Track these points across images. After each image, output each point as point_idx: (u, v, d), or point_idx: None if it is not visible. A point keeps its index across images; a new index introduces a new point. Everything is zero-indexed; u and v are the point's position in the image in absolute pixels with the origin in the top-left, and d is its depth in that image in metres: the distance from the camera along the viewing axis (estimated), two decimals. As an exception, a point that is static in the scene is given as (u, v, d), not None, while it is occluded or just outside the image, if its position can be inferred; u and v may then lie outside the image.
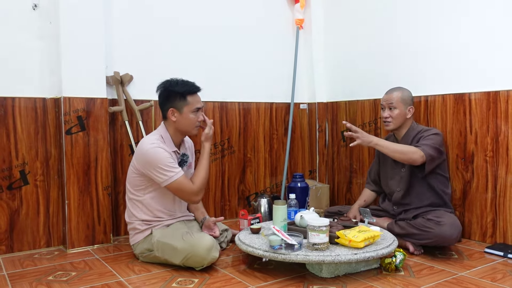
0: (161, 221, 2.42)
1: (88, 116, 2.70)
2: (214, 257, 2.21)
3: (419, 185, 2.59)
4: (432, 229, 2.34)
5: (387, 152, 2.48)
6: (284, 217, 2.33)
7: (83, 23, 2.67)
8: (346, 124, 2.54)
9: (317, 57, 3.73)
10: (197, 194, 2.37)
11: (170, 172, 2.29)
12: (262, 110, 3.57)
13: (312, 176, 3.82)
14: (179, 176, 2.31)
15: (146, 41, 3.04)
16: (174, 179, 2.29)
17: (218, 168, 3.37)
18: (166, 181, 2.30)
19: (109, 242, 2.80)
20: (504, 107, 2.55)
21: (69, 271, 2.30)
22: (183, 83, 2.38)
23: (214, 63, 3.33)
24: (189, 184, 2.35)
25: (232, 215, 3.43)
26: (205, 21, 3.29)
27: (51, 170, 2.72)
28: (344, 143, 3.56)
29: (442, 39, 2.84)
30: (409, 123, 2.67)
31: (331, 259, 2.02)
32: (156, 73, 2.92)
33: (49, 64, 2.70)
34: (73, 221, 2.67)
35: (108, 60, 2.85)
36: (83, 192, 2.69)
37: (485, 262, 2.33)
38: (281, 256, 2.07)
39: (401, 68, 3.10)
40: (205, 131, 2.47)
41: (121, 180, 2.92)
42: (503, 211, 2.58)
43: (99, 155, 2.74)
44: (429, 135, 2.55)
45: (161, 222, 2.42)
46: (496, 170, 2.59)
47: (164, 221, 2.43)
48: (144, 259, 2.41)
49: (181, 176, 2.31)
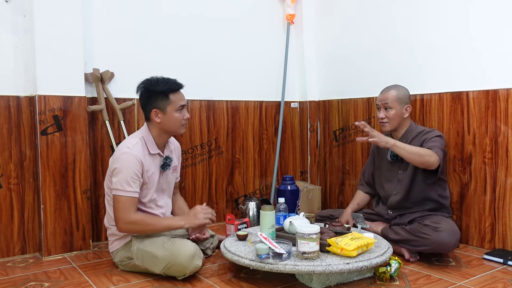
0: (142, 227, 2.26)
1: (65, 115, 2.54)
2: (196, 265, 2.07)
3: (417, 189, 2.46)
4: (429, 236, 2.22)
5: (404, 154, 2.29)
6: (272, 223, 2.20)
7: (59, 16, 2.51)
8: (359, 125, 2.34)
9: (308, 54, 3.59)
10: (125, 223, 2.13)
11: (122, 186, 2.13)
12: (251, 109, 3.43)
13: (303, 178, 3.69)
14: (126, 195, 2.13)
15: (128, 35, 2.89)
16: (119, 194, 2.13)
17: (205, 169, 3.23)
18: (114, 191, 2.15)
19: (89, 248, 2.65)
20: (504, 107, 2.43)
21: (43, 281, 2.15)
22: (164, 82, 2.23)
23: (201, 59, 3.19)
24: (127, 210, 2.13)
25: (220, 218, 3.28)
26: (191, 13, 3.14)
27: (26, 173, 2.56)
28: (336, 143, 3.43)
29: (439, 35, 2.72)
30: (407, 123, 2.54)
31: (321, 269, 1.88)
32: (138, 70, 2.79)
33: (23, 60, 2.54)
34: (49, 227, 2.52)
35: (87, 55, 2.70)
36: (60, 196, 2.54)
37: (484, 270, 2.20)
38: (268, 266, 1.93)
39: (396, 65, 2.98)
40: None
41: (101, 183, 2.76)
42: (502, 216, 2.46)
43: (77, 157, 2.58)
44: (434, 137, 2.40)
45: (141, 228, 2.26)
46: (495, 172, 2.47)
47: (145, 227, 2.27)
48: (124, 267, 2.27)
49: (128, 196, 2.13)
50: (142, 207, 2.26)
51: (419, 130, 2.51)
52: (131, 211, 2.16)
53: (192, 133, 3.16)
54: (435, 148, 2.34)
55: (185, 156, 3.12)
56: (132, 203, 2.16)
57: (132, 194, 2.16)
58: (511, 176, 2.41)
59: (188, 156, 3.14)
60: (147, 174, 2.24)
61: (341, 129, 3.39)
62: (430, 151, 2.32)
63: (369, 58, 3.17)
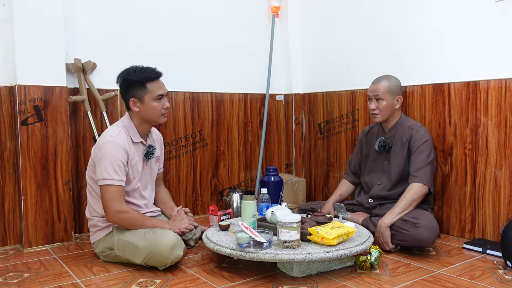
0: (124, 218, 2.25)
1: (46, 105, 2.51)
2: (177, 255, 2.06)
3: (401, 181, 2.48)
4: (408, 231, 2.23)
5: (409, 208, 2.32)
6: (254, 213, 2.20)
7: (39, 5, 2.48)
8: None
9: (294, 47, 3.59)
10: (116, 212, 2.12)
11: (109, 175, 2.12)
12: (236, 101, 3.42)
13: (289, 170, 3.69)
14: (114, 183, 2.12)
15: (111, 26, 2.86)
16: (107, 183, 2.12)
17: (190, 161, 3.22)
18: (101, 181, 2.14)
19: (70, 240, 2.63)
20: (484, 98, 2.45)
21: (22, 272, 2.13)
22: (141, 71, 2.22)
23: (185, 51, 3.16)
24: (117, 199, 2.13)
25: (204, 210, 3.28)
26: (175, 4, 3.11)
27: (6, 164, 2.53)
28: (321, 135, 3.44)
29: (421, 27, 2.74)
30: (397, 114, 2.55)
31: (301, 257, 1.89)
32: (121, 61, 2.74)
33: (3, 50, 2.50)
34: (30, 218, 2.49)
35: (69, 46, 2.67)
36: (41, 187, 2.51)
37: (463, 259, 2.23)
38: (249, 255, 1.93)
39: (379, 58, 2.99)
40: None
41: (84, 175, 2.73)
42: (482, 206, 2.49)
43: (59, 148, 2.56)
44: (422, 145, 2.42)
45: (123, 219, 2.25)
46: (475, 163, 2.50)
47: (127, 218, 2.26)
48: (105, 258, 2.26)
49: (116, 185, 2.13)
50: (126, 197, 2.24)
51: (409, 124, 2.52)
52: (121, 200, 2.15)
53: (176, 125, 3.14)
54: (422, 171, 2.37)
55: (169, 148, 3.10)
56: (121, 192, 2.16)
57: (120, 182, 2.15)
58: (490, 166, 2.44)
59: (172, 148, 3.12)
60: (131, 163, 2.23)
61: (326, 121, 3.40)
62: (418, 185, 2.35)
63: (354, 51, 3.18)
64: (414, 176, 2.39)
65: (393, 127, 2.54)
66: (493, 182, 2.43)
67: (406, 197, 2.34)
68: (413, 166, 2.41)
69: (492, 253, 2.27)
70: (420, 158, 2.41)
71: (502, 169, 2.40)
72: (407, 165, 2.47)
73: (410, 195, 2.35)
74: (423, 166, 2.39)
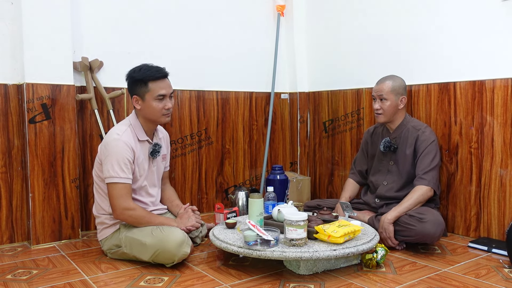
0: (131, 215, 2.27)
1: (53, 104, 2.53)
2: (185, 252, 2.08)
3: (406, 181, 2.49)
4: (414, 226, 2.24)
5: (412, 208, 2.33)
6: (261, 211, 2.21)
7: (47, 4, 2.49)
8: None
9: (299, 45, 3.60)
10: (123, 210, 2.14)
11: (116, 173, 2.13)
12: (241, 100, 3.43)
13: (293, 168, 3.71)
14: (120, 181, 2.14)
15: (118, 24, 2.87)
16: (113, 181, 2.14)
17: (195, 159, 3.23)
18: (108, 179, 2.16)
19: (77, 237, 2.65)
20: (489, 97, 2.46)
21: (31, 269, 2.15)
22: (146, 69, 2.23)
23: (191, 49, 3.17)
24: (124, 197, 2.14)
25: (209, 208, 3.30)
26: (181, 2, 3.12)
27: (14, 161, 2.55)
28: (326, 134, 3.45)
29: (428, 27, 2.74)
30: (402, 114, 2.55)
31: (308, 255, 1.90)
32: (127, 60, 2.78)
33: (11, 48, 2.52)
34: (37, 215, 2.51)
35: (76, 44, 2.68)
36: (48, 184, 2.53)
37: (469, 257, 2.24)
38: (256, 253, 1.95)
39: (385, 57, 2.99)
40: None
41: (90, 172, 2.75)
42: (487, 205, 2.50)
43: (66, 146, 2.58)
44: (428, 146, 2.43)
45: (130, 216, 2.26)
46: (481, 162, 2.51)
47: (134, 215, 2.27)
48: (113, 255, 2.27)
49: (122, 183, 2.14)
50: (132, 195, 2.26)
51: (414, 125, 2.52)
52: (128, 197, 2.16)
53: (182, 123, 3.16)
54: (429, 173, 2.39)
55: (175, 146, 3.12)
56: (128, 190, 2.17)
57: (126, 180, 2.16)
58: (496, 165, 2.45)
59: (177, 146, 3.14)
60: (137, 161, 2.24)
61: (331, 120, 3.41)
62: (424, 188, 2.37)
63: (359, 49, 3.19)
64: (421, 178, 2.40)
65: (398, 128, 2.55)
66: (499, 181, 2.44)
67: (412, 197, 2.35)
68: (420, 167, 2.42)
69: (497, 251, 2.28)
70: (427, 160, 2.42)
71: (507, 168, 2.40)
72: (413, 166, 2.47)
73: (417, 196, 2.36)
74: (431, 169, 2.41)
